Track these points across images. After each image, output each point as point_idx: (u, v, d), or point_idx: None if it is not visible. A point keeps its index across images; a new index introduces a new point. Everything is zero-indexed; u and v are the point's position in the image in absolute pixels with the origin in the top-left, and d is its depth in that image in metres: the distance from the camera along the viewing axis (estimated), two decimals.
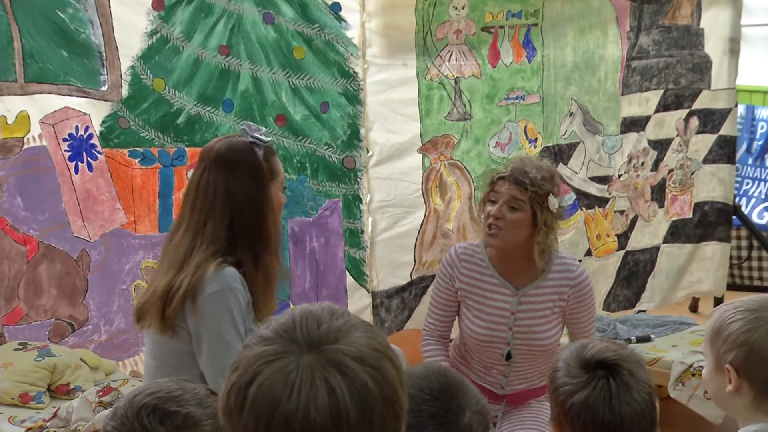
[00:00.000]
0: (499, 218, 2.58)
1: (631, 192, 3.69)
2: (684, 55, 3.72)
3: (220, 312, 2.11)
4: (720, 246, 3.93)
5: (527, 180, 2.56)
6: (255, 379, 1.08)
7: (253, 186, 2.21)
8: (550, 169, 2.66)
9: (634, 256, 3.77)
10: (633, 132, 3.66)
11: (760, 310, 1.65)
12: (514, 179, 2.57)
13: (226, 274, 2.14)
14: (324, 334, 1.11)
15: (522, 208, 2.57)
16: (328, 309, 1.16)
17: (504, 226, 2.57)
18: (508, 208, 2.57)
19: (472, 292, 2.70)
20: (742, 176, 4.56)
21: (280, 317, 1.15)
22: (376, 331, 1.16)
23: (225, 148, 2.23)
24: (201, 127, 2.93)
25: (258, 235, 2.22)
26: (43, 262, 2.75)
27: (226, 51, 2.92)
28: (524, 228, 2.58)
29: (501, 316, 2.66)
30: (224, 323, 2.13)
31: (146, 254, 2.91)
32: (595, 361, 1.62)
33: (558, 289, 2.66)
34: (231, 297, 2.13)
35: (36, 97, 2.69)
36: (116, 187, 2.83)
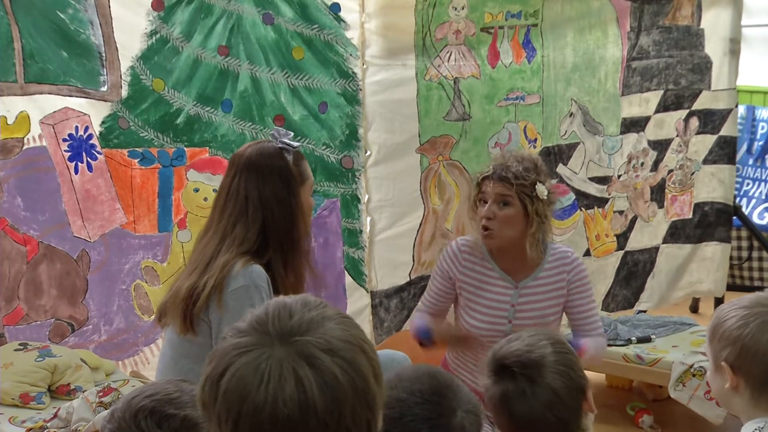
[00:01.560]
0: (490, 218, 2.61)
1: (630, 192, 3.72)
2: (684, 55, 3.74)
3: (243, 307, 2.12)
4: (720, 246, 3.95)
5: (510, 174, 2.59)
6: (227, 371, 1.10)
7: (284, 190, 2.27)
8: (532, 159, 2.68)
9: (634, 256, 3.79)
10: (633, 132, 3.68)
11: (753, 306, 1.68)
12: (498, 176, 2.61)
13: (253, 271, 2.19)
14: (296, 325, 1.12)
15: (511, 203, 2.60)
16: (302, 300, 1.17)
17: (497, 225, 2.60)
18: (498, 205, 2.60)
19: (472, 285, 2.73)
20: (742, 177, 4.58)
21: (256, 310, 1.17)
22: (350, 322, 1.17)
23: (255, 154, 2.29)
24: (200, 128, 2.96)
25: (289, 239, 2.28)
26: (43, 262, 2.78)
27: (226, 51, 2.95)
28: (518, 222, 2.61)
29: (501, 309, 2.69)
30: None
31: (146, 254, 2.94)
32: (498, 363, 1.71)
33: (556, 278, 2.70)
34: (255, 294, 2.18)
35: (36, 97, 2.72)
36: (116, 187, 2.87)
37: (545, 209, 2.64)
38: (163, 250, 2.96)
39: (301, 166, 2.35)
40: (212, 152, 2.99)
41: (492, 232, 2.62)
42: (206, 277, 2.18)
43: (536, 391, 1.65)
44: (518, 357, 1.69)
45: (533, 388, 1.65)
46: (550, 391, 1.65)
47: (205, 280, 2.17)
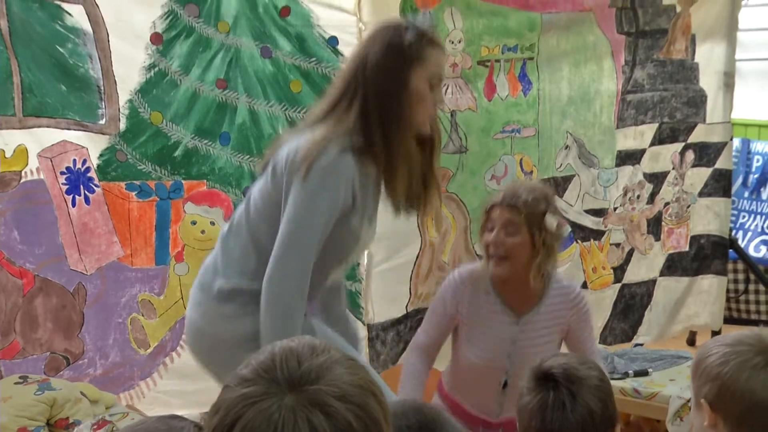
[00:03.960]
0: (498, 245, 2.57)
1: (626, 225, 3.72)
2: (679, 89, 3.76)
3: (320, 188, 2.06)
4: (717, 279, 3.95)
5: (520, 203, 2.55)
6: (238, 422, 1.07)
7: (389, 63, 2.11)
8: (543, 189, 2.66)
9: (631, 289, 3.79)
10: (628, 165, 3.70)
11: (735, 344, 1.67)
12: (507, 204, 2.57)
13: (342, 159, 2.08)
14: (305, 372, 1.10)
15: (519, 231, 2.55)
16: (309, 345, 1.15)
17: (505, 253, 2.57)
18: (506, 233, 2.57)
19: (473, 319, 2.69)
20: (738, 209, 4.60)
21: (259, 355, 1.14)
22: (358, 365, 1.16)
23: (374, 27, 2.21)
24: (198, 160, 2.96)
25: (390, 116, 2.11)
26: (39, 295, 2.77)
27: (224, 84, 2.96)
28: (524, 252, 2.57)
29: (501, 344, 2.65)
30: (318, 201, 2.07)
31: (142, 287, 2.93)
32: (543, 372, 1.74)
33: (558, 314, 2.66)
34: (332, 180, 2.07)
35: (34, 130, 2.73)
36: (113, 220, 2.86)
37: (553, 241, 2.60)
38: (160, 283, 2.95)
39: (422, 47, 2.13)
40: (210, 185, 2.99)
41: (502, 261, 2.58)
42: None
43: (575, 407, 1.68)
44: (565, 369, 1.73)
45: (573, 403, 1.69)
46: (587, 411, 1.68)
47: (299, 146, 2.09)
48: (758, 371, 1.62)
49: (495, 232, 2.58)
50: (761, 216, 4.53)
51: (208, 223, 2.99)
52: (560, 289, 2.68)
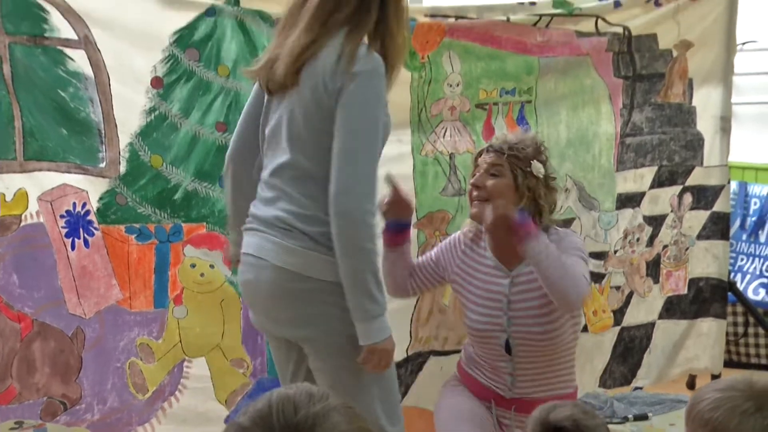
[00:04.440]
0: (479, 187, 2.57)
1: (626, 268, 3.72)
2: (677, 132, 3.78)
3: (369, 90, 2.15)
4: (716, 322, 3.93)
5: (505, 146, 2.57)
6: None
7: None
8: (533, 138, 2.66)
9: (630, 332, 3.77)
10: (628, 208, 3.70)
11: (727, 390, 1.68)
12: (492, 149, 2.60)
13: (377, 58, 2.17)
14: (302, 420, 1.09)
15: (502, 173, 2.56)
16: (306, 392, 1.14)
17: (486, 196, 2.55)
18: (488, 175, 2.57)
19: (465, 273, 2.68)
20: (736, 252, 4.60)
21: (257, 402, 1.13)
22: (354, 412, 1.15)
23: None
24: (198, 203, 2.96)
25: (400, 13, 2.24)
26: (37, 339, 2.74)
27: (224, 128, 2.97)
28: (507, 195, 2.55)
29: (496, 301, 2.60)
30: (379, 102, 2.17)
31: (141, 331, 2.91)
32: (552, 427, 1.72)
33: None
34: (378, 81, 2.16)
35: (35, 174, 2.73)
36: (112, 264, 2.85)
37: (540, 188, 2.58)
38: (159, 326, 2.93)
39: None
40: (209, 228, 2.98)
41: (479, 202, 2.56)
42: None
43: None
44: (575, 421, 1.75)
45: None
46: None
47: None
48: (748, 417, 1.62)
49: (478, 174, 2.58)
50: (760, 258, 4.53)
51: (208, 266, 2.98)
52: (552, 237, 2.61)
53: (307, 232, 2.19)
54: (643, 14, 3.64)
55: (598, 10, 3.54)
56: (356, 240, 2.12)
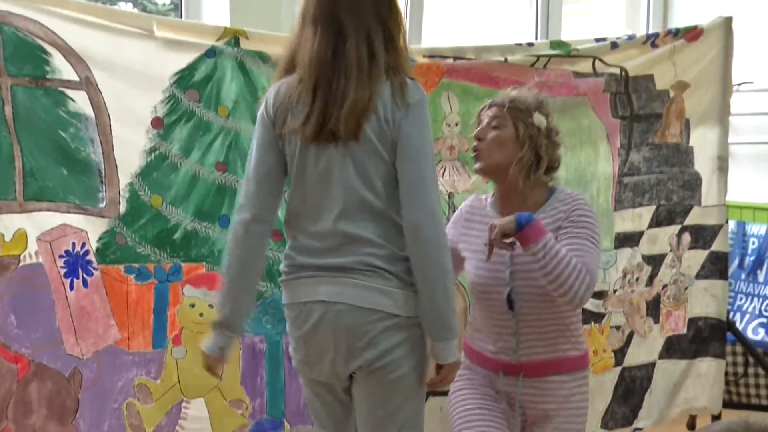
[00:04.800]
0: (480, 139, 2.57)
1: (626, 307, 3.70)
2: (674, 172, 3.79)
3: (425, 118, 2.28)
4: (715, 362, 3.91)
5: (507, 99, 2.58)
6: None
7: None
8: (536, 93, 2.64)
9: (631, 372, 3.75)
10: (627, 247, 3.70)
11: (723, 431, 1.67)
12: (494, 103, 2.62)
13: (421, 88, 2.31)
14: None
15: (503, 125, 2.55)
16: None
17: (486, 146, 2.55)
18: (490, 127, 2.57)
19: (470, 239, 2.64)
20: (735, 291, 4.58)
21: None
22: None
23: None
24: (197, 243, 2.95)
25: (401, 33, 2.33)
26: (34, 381, 2.71)
27: (223, 167, 2.98)
28: (507, 146, 2.54)
29: (499, 255, 2.53)
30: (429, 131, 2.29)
31: (139, 371, 2.88)
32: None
33: (554, 218, 2.54)
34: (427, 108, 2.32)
35: (34, 214, 2.72)
36: (111, 304, 2.83)
37: (541, 140, 2.56)
38: (157, 367, 2.90)
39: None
40: (209, 267, 2.97)
41: (480, 153, 2.56)
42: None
43: None
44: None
45: None
46: None
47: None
48: None
49: (480, 127, 2.59)
50: (758, 298, 4.51)
51: (207, 305, 2.96)
52: (562, 199, 2.58)
53: (391, 271, 2.25)
54: (640, 55, 3.67)
55: (595, 51, 3.57)
56: (443, 263, 2.22)
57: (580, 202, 2.57)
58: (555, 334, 2.60)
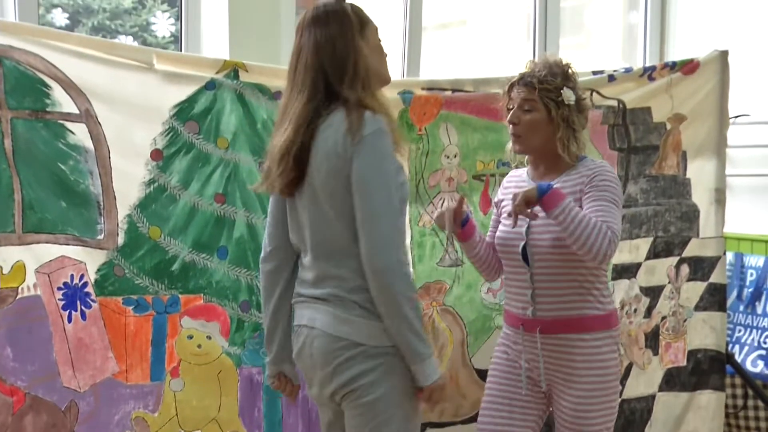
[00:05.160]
0: (515, 123, 2.67)
1: (624, 339, 3.69)
2: (672, 203, 3.80)
3: (383, 148, 2.26)
4: (715, 395, 3.89)
5: (535, 79, 2.64)
6: None
7: (339, 31, 2.31)
8: (560, 65, 2.71)
9: (630, 404, 3.72)
10: (625, 279, 3.69)
11: None
12: (523, 82, 2.68)
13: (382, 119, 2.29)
14: None
15: (535, 108, 2.65)
16: None
17: (522, 131, 2.66)
18: (522, 111, 2.66)
19: (504, 201, 2.80)
20: (734, 323, 4.56)
21: None
22: None
23: (313, 9, 2.38)
24: (195, 274, 2.95)
25: (372, 75, 2.33)
26: (29, 413, 2.70)
27: (222, 199, 2.98)
28: (542, 127, 2.65)
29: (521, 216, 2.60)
30: (389, 162, 2.28)
31: (137, 404, 2.87)
32: None
33: (576, 183, 2.65)
34: (387, 138, 2.28)
35: (33, 246, 2.72)
36: (109, 336, 2.83)
37: (572, 115, 2.66)
38: (155, 399, 2.89)
39: (361, 13, 2.38)
40: (206, 299, 2.97)
41: (519, 138, 2.68)
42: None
43: None
44: None
45: None
46: None
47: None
48: None
49: (512, 110, 2.68)
50: (757, 330, 4.49)
51: (205, 337, 2.96)
52: (586, 167, 2.69)
53: (356, 302, 2.30)
54: (637, 88, 3.69)
55: (593, 83, 3.58)
56: (399, 292, 2.23)
57: (603, 167, 2.68)
58: (571, 292, 2.65)
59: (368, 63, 2.33)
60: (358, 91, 2.29)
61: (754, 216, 4.70)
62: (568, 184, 2.66)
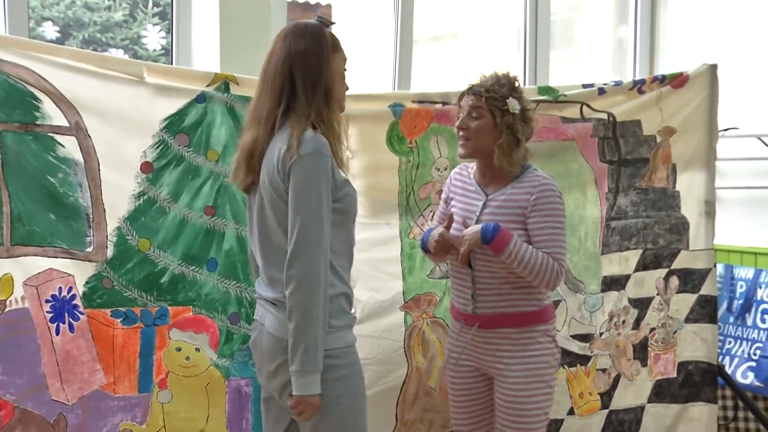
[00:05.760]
0: (463, 128, 2.86)
1: (613, 350, 3.69)
2: (662, 216, 3.80)
3: (315, 171, 2.35)
4: (707, 407, 3.88)
5: (482, 89, 2.84)
6: None
7: (313, 46, 2.43)
8: (508, 77, 2.90)
9: (618, 415, 3.72)
10: (614, 291, 3.69)
11: None
12: (472, 91, 2.88)
13: (322, 139, 2.38)
14: None
15: (482, 115, 2.84)
16: None
17: (470, 136, 2.85)
18: (470, 117, 2.85)
19: (455, 200, 2.99)
20: (724, 335, 4.56)
21: None
22: None
23: (294, 23, 2.52)
24: (184, 287, 2.95)
25: (327, 96, 2.43)
26: (18, 427, 2.70)
27: (212, 211, 2.99)
28: (488, 133, 2.84)
29: (469, 216, 2.90)
30: (319, 180, 2.36)
31: (125, 416, 2.86)
32: None
33: (520, 196, 2.85)
34: (322, 161, 2.37)
35: (21, 259, 2.72)
36: (97, 348, 2.82)
37: (516, 123, 2.84)
38: (143, 411, 2.89)
39: (335, 39, 2.50)
40: (195, 311, 2.97)
41: (465, 142, 2.87)
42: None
43: None
44: None
45: None
46: None
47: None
48: None
49: (462, 117, 2.88)
50: (747, 341, 4.49)
51: (193, 349, 2.96)
52: (532, 179, 2.88)
53: None
54: (627, 101, 3.70)
55: (583, 96, 3.59)
56: (299, 303, 2.33)
57: (547, 185, 2.86)
58: (509, 291, 2.86)
59: (334, 83, 2.45)
60: (318, 105, 2.41)
61: (743, 228, 4.70)
62: (512, 198, 2.87)
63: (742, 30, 4.78)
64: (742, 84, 4.50)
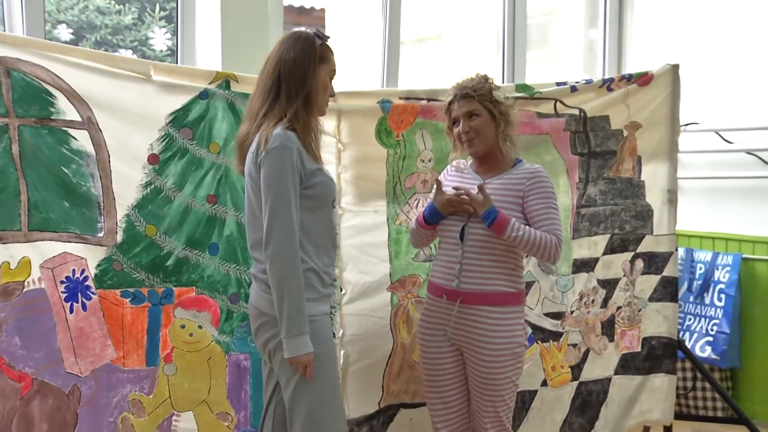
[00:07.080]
0: (468, 131, 2.89)
1: (582, 327, 3.73)
2: (628, 204, 3.83)
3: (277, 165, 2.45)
4: (667, 378, 3.94)
5: (469, 89, 2.89)
6: None
7: (302, 56, 2.53)
8: (480, 75, 2.96)
9: (587, 386, 3.77)
10: (583, 272, 3.73)
11: None
12: (460, 96, 2.91)
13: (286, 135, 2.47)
14: None
15: (479, 113, 2.89)
16: None
17: (476, 135, 2.89)
18: (469, 120, 2.89)
19: (450, 187, 2.96)
20: (684, 312, 4.61)
21: None
22: None
23: (290, 33, 2.61)
24: (188, 269, 2.98)
25: (307, 101, 2.53)
26: (36, 397, 2.72)
27: (214, 200, 3.00)
28: (489, 127, 2.89)
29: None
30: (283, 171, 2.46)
31: (133, 387, 2.90)
32: None
33: (515, 184, 2.90)
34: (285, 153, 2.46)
35: (38, 243, 2.74)
36: (108, 325, 2.85)
37: (507, 110, 2.93)
38: (150, 383, 2.92)
39: (326, 50, 2.60)
40: (198, 291, 2.99)
41: (474, 141, 2.90)
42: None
43: None
44: None
45: None
46: None
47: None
48: None
49: (461, 123, 2.91)
50: (705, 318, 4.55)
51: (197, 326, 2.98)
52: (526, 168, 2.94)
53: (265, 281, 2.54)
54: (597, 98, 3.72)
55: (557, 93, 3.62)
56: (277, 275, 2.46)
57: (540, 171, 2.94)
58: (493, 270, 2.88)
59: (317, 92, 2.55)
60: (296, 108, 2.51)
61: (702, 215, 4.75)
62: (509, 182, 2.91)
63: (703, 33, 4.81)
64: (702, 82, 4.53)
